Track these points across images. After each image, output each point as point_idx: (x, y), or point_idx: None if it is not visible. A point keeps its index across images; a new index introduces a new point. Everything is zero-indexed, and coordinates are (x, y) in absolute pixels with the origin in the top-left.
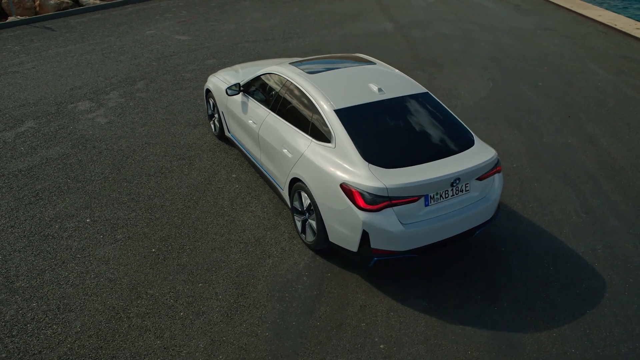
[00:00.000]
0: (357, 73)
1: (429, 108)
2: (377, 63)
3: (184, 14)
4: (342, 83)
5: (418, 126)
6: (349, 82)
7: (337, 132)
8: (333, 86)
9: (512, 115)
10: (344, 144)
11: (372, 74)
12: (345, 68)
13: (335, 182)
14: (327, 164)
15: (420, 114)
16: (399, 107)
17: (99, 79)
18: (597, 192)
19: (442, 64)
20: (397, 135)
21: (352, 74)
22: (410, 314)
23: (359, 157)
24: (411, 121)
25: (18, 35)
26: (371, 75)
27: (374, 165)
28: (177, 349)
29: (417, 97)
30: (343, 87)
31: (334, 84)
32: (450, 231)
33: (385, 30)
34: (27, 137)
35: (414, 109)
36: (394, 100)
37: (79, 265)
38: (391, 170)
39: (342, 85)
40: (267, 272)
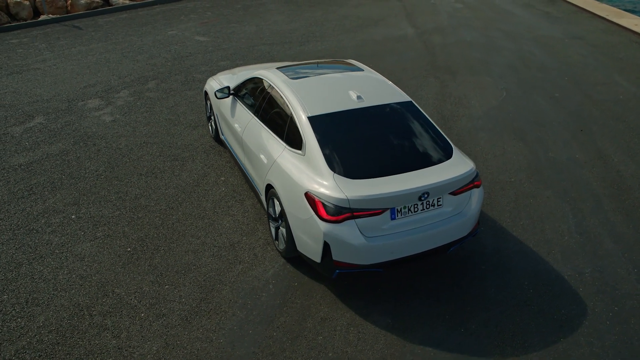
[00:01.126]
0: (340, 80)
1: (409, 118)
2: (365, 70)
3: (208, 15)
4: (322, 89)
5: (393, 136)
6: (329, 88)
7: (308, 140)
8: (312, 92)
9: (520, 126)
10: (313, 152)
11: (355, 81)
12: (329, 74)
13: (301, 191)
14: (296, 172)
15: (398, 124)
16: (377, 116)
17: (113, 77)
18: (596, 211)
19: (457, 71)
20: (369, 144)
21: (334, 81)
22: (371, 330)
23: (325, 166)
24: (387, 131)
25: (47, 33)
26: (354, 83)
27: (339, 175)
28: (131, 350)
29: (398, 105)
30: (322, 93)
31: (314, 91)
32: (419, 247)
33: (406, 35)
34: (33, 132)
35: (392, 118)
36: (372, 109)
37: (55, 261)
38: (356, 181)
39: (321, 91)
40: (235, 278)
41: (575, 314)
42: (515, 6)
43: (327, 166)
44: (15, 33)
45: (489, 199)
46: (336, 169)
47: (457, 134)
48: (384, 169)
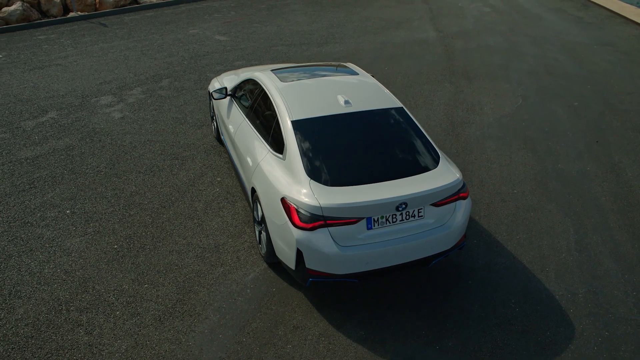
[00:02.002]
0: (331, 84)
1: (397, 124)
2: (360, 74)
3: (232, 15)
4: (310, 93)
5: (378, 143)
6: (318, 92)
7: (289, 144)
8: (300, 96)
9: (532, 135)
10: (292, 157)
11: (346, 86)
12: (321, 78)
13: (278, 196)
14: (275, 176)
15: (385, 130)
16: (363, 122)
17: (129, 74)
18: (601, 227)
19: (475, 77)
20: (351, 151)
21: (325, 85)
22: (342, 342)
23: (302, 172)
24: (371, 137)
25: (74, 30)
26: (345, 87)
27: (315, 182)
28: (100, 347)
29: (387, 112)
30: (310, 97)
31: (302, 94)
32: (397, 258)
33: (427, 39)
34: (44, 127)
35: (379, 124)
36: (358, 114)
37: (44, 255)
38: (333, 188)
39: (309, 95)
40: (214, 280)
41: (562, 337)
42: (545, 10)
43: (304, 172)
44: (44, 29)
45: (486, 210)
46: (313, 175)
47: (464, 141)
48: (363, 177)
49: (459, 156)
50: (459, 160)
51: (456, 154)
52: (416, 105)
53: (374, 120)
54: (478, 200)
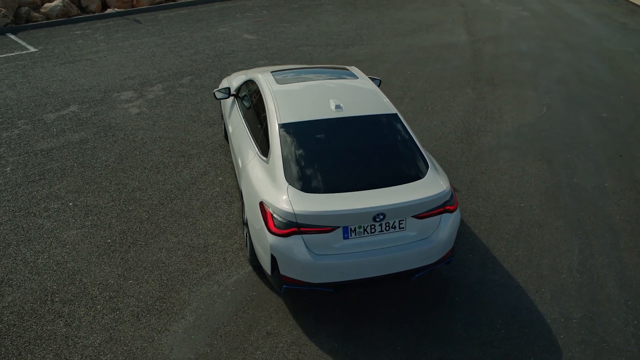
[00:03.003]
0: (326, 87)
1: (388, 131)
2: (360, 78)
3: (264, 14)
4: (303, 96)
5: (364, 150)
6: (311, 96)
7: (273, 147)
8: (292, 99)
9: (551, 147)
10: (275, 160)
11: (342, 90)
12: (318, 81)
13: (257, 200)
14: (258, 179)
15: (374, 137)
16: (352, 128)
17: (153, 71)
18: (609, 249)
19: (500, 83)
20: (334, 157)
21: (320, 88)
22: (313, 352)
23: (282, 177)
24: (358, 144)
25: (109, 26)
26: (340, 91)
27: (293, 188)
28: (76, 340)
29: (379, 118)
30: (302, 100)
31: (294, 97)
32: (374, 270)
33: (457, 43)
34: (64, 120)
35: (368, 130)
36: (348, 119)
37: (40, 245)
38: (310, 195)
39: (302, 98)
40: (197, 280)
41: None
42: (588, 15)
43: (283, 177)
44: (81, 25)
45: (488, 223)
46: (292, 181)
47: (477, 150)
48: (343, 185)
49: (468, 165)
50: (468, 169)
51: (466, 163)
52: (433, 111)
53: (364, 127)
54: (480, 213)
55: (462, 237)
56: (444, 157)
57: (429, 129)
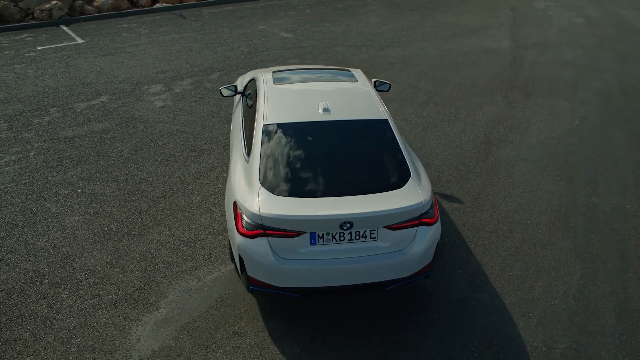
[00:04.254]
0: (320, 89)
1: (374, 138)
2: (359, 81)
3: (306, 13)
4: (295, 97)
5: (344, 155)
6: (303, 97)
7: (254, 147)
8: (283, 99)
9: (574, 162)
10: (253, 161)
11: (336, 92)
12: (314, 82)
13: (232, 199)
14: (236, 179)
15: (357, 143)
16: (337, 132)
17: (186, 65)
18: (615, 276)
19: (534, 92)
20: (313, 161)
21: (314, 90)
22: (274, 356)
23: (256, 178)
24: (340, 149)
25: (155, 20)
26: (334, 94)
27: (265, 189)
28: (53, 321)
29: (368, 123)
30: (292, 102)
31: (286, 98)
32: (342, 279)
33: (498, 49)
34: (92, 109)
35: (353, 135)
36: (334, 123)
37: (43, 228)
38: (280, 198)
39: (293, 99)
40: (179, 274)
41: None
42: None
43: (258, 178)
44: (129, 18)
45: (487, 239)
46: (265, 182)
47: (493, 161)
48: (316, 190)
49: (479, 177)
50: (478, 181)
51: (477, 174)
52: (456, 118)
53: (349, 131)
54: (481, 227)
55: (455, 251)
56: (455, 167)
57: (447, 136)
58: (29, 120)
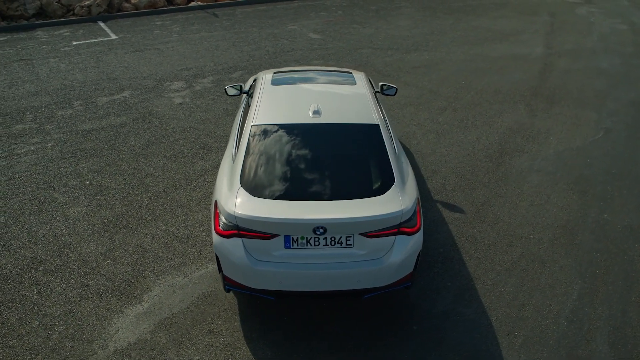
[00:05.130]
0: (316, 91)
1: (361, 142)
2: (357, 84)
3: (338, 14)
4: (288, 99)
5: (328, 159)
6: (296, 99)
7: (240, 147)
8: (276, 100)
9: (591, 176)
10: (237, 161)
11: (330, 95)
12: (312, 84)
13: (214, 198)
14: (221, 178)
15: (343, 147)
16: (324, 135)
17: (210, 63)
18: (616, 299)
19: (559, 101)
20: (294, 164)
21: (309, 92)
22: (244, 356)
23: (237, 178)
24: (325, 152)
25: (188, 18)
26: (328, 96)
27: (243, 190)
28: (39, 308)
29: (357, 127)
30: (285, 103)
31: (279, 99)
32: (316, 284)
33: (529, 55)
34: (113, 104)
35: (340, 139)
36: (322, 126)
37: (47, 217)
38: (257, 199)
39: (286, 101)
40: (167, 269)
41: None
42: None
43: (239, 178)
44: (164, 16)
45: (483, 252)
46: (245, 183)
47: (504, 171)
48: (294, 193)
49: (486, 187)
50: (485, 191)
51: (485, 184)
52: (472, 125)
53: (336, 135)
54: (479, 239)
55: (448, 262)
56: (463, 175)
57: (460, 144)
58: (53, 112)
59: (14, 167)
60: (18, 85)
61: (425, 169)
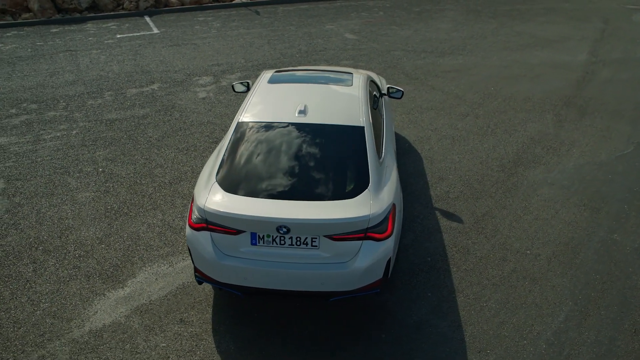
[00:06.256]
0: (309, 91)
1: (342, 144)
2: (353, 85)
3: (379, 15)
4: (280, 97)
5: (304, 159)
6: (287, 98)
7: (223, 143)
8: (267, 99)
9: (609, 193)
10: (218, 157)
11: (322, 95)
12: (307, 84)
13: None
14: (203, 172)
15: (322, 148)
16: (305, 134)
17: (241, 60)
18: (607, 325)
19: (592, 112)
20: (271, 162)
21: (301, 91)
22: (208, 348)
23: (214, 173)
24: (302, 152)
25: (230, 15)
26: (319, 96)
27: (217, 185)
28: (31, 285)
29: (340, 128)
30: (275, 101)
31: (271, 97)
32: (280, 283)
33: (570, 63)
34: (140, 96)
35: (321, 140)
36: (305, 126)
37: (57, 200)
38: (228, 195)
39: (277, 99)
40: (155, 258)
41: None
42: None
43: (215, 173)
44: (208, 12)
45: (473, 264)
46: (220, 179)
47: (514, 182)
48: (263, 191)
49: (492, 197)
50: (489, 201)
51: (491, 194)
52: (492, 133)
53: (319, 135)
54: (471, 251)
55: (433, 272)
56: (470, 184)
57: (474, 151)
58: (84, 101)
59: (38, 152)
60: (59, 75)
61: (432, 176)
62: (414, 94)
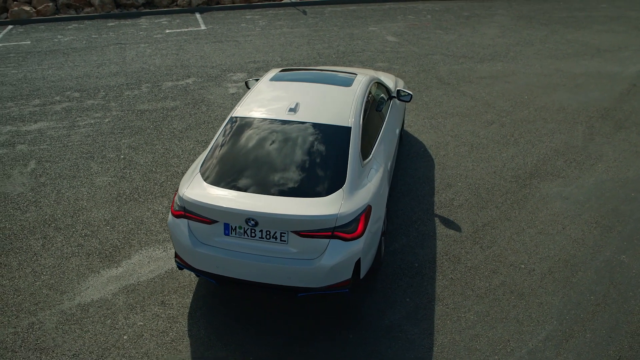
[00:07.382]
0: (305, 90)
1: (325, 143)
2: (352, 86)
3: (426, 18)
4: (276, 95)
5: (286, 156)
6: (284, 96)
7: (214, 138)
8: (264, 96)
9: (627, 212)
10: (206, 150)
11: (317, 95)
12: (307, 83)
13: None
14: (193, 164)
15: (306, 145)
16: (290, 132)
17: (278, 58)
18: (590, 350)
19: (629, 127)
20: (252, 157)
21: (298, 90)
22: (180, 333)
23: (199, 165)
24: (285, 148)
25: (278, 14)
26: (314, 95)
27: (199, 176)
28: (37, 258)
29: (327, 128)
30: (270, 99)
31: (269, 95)
32: (250, 275)
33: (618, 74)
34: (175, 89)
35: (306, 138)
36: (292, 123)
37: (77, 182)
38: (207, 186)
39: (273, 97)
40: (152, 241)
41: None
42: None
43: (200, 164)
44: (257, 10)
45: (461, 273)
46: (203, 170)
47: (525, 195)
48: (238, 184)
49: (497, 208)
50: (493, 212)
51: (497, 205)
52: (514, 143)
53: (303, 133)
54: (462, 260)
55: (417, 278)
56: (478, 193)
57: (490, 160)
58: (122, 92)
59: (71, 137)
60: (105, 66)
61: (440, 182)
62: (442, 98)
